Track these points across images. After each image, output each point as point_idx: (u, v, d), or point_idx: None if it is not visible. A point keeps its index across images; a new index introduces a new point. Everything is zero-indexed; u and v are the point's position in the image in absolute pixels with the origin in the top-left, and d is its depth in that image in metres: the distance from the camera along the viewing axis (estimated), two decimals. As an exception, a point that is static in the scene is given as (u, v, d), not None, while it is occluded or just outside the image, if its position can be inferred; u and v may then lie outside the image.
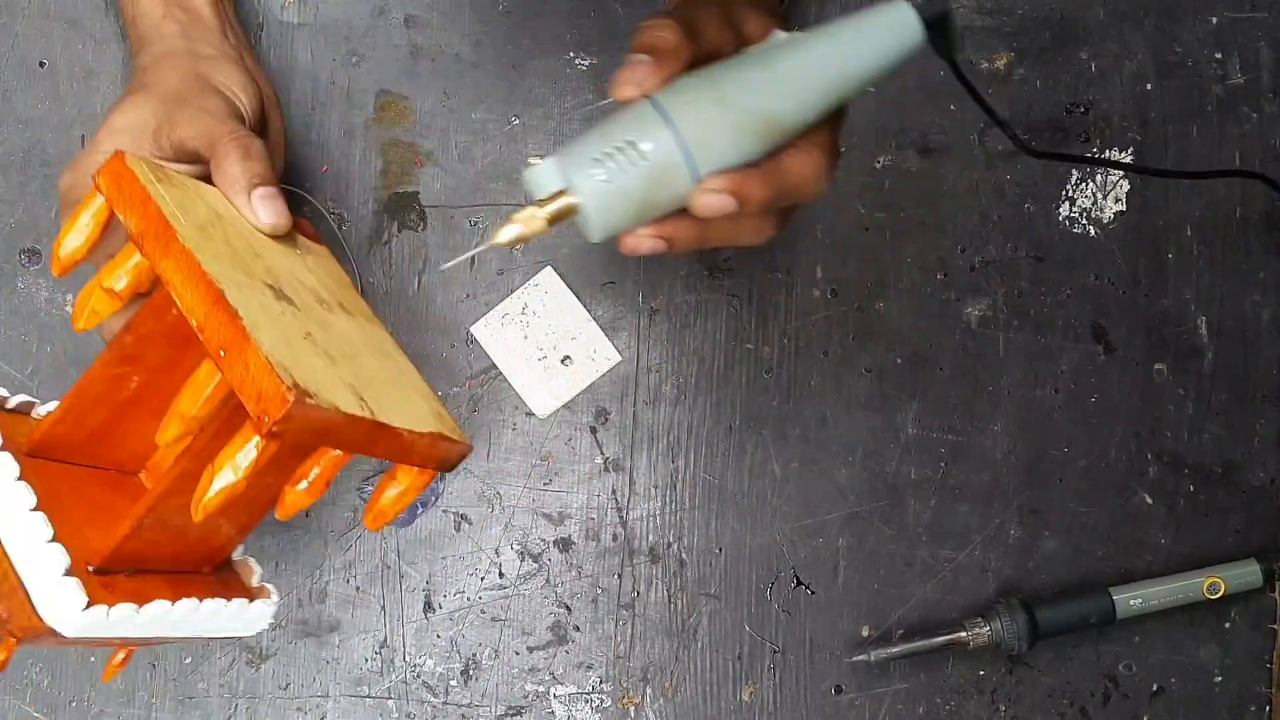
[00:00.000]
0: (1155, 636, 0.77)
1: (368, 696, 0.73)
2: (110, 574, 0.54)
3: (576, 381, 0.74)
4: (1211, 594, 0.75)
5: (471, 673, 0.74)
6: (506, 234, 0.50)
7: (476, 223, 0.74)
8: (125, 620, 0.51)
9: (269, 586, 0.60)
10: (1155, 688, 0.77)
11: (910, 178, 0.77)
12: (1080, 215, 0.77)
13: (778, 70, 0.51)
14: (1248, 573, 0.75)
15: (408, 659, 0.74)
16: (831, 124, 0.54)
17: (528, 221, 0.50)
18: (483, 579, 0.74)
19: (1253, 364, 0.78)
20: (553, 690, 0.74)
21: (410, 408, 0.56)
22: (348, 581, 0.74)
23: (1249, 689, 0.78)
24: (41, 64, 0.73)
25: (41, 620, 0.49)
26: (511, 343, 0.74)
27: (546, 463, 0.75)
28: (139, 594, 0.53)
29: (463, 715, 0.74)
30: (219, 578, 0.59)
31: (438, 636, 0.74)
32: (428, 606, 0.74)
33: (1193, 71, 0.78)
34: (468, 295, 0.74)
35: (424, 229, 0.74)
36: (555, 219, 0.50)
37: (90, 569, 0.52)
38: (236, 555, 0.61)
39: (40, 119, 0.73)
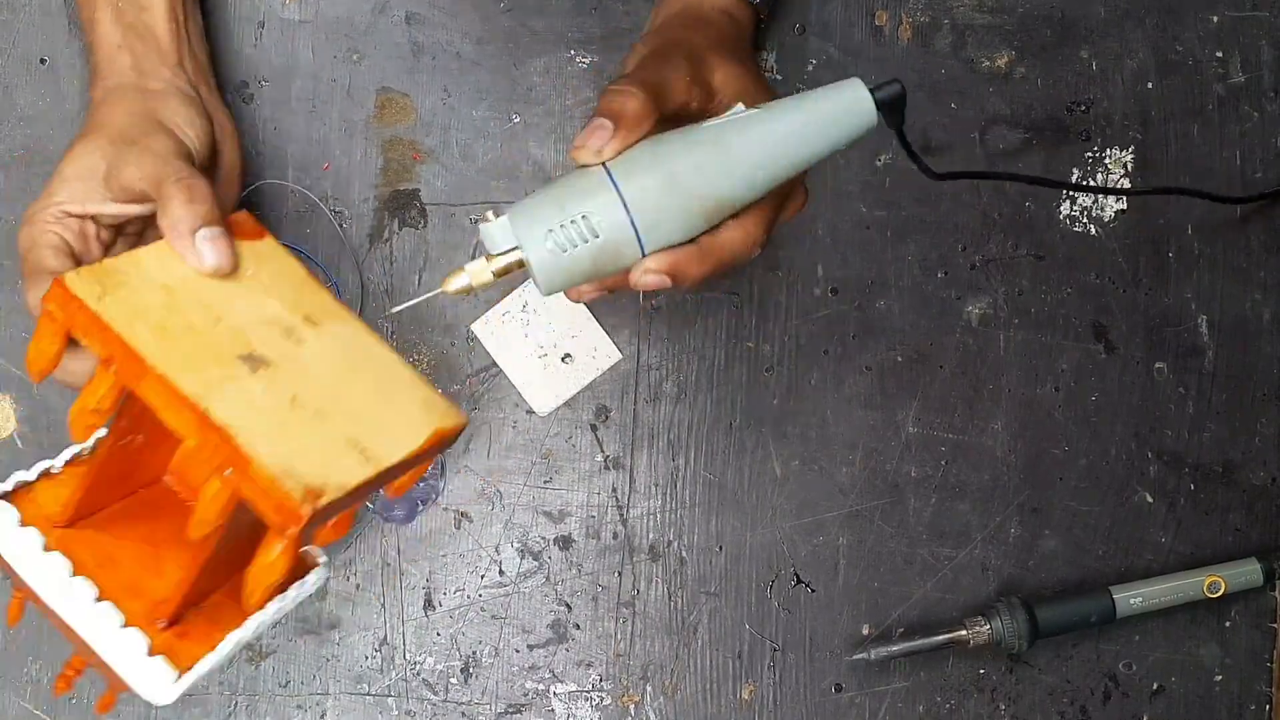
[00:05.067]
0: (1155, 635, 0.77)
1: (368, 694, 0.73)
2: (180, 620, 0.56)
3: (577, 379, 0.74)
4: (1212, 593, 0.75)
5: (471, 670, 0.74)
6: (455, 283, 0.54)
7: (477, 220, 0.74)
8: (210, 662, 0.55)
9: (313, 550, 0.61)
10: (1155, 687, 0.77)
11: (911, 176, 0.76)
12: (1081, 214, 0.77)
13: (732, 154, 0.53)
14: (1248, 572, 0.76)
15: (408, 657, 0.74)
16: (776, 193, 0.55)
17: (476, 274, 0.54)
18: (483, 577, 0.74)
19: (1253, 363, 0.78)
20: (553, 688, 0.74)
21: (404, 419, 0.57)
22: (348, 579, 0.74)
23: (1249, 688, 0.78)
24: (42, 61, 0.73)
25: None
26: (512, 340, 0.74)
27: (547, 460, 0.75)
28: (212, 629, 0.56)
29: (463, 713, 0.74)
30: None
31: (438, 634, 0.74)
32: (428, 604, 0.74)
33: (1194, 70, 0.78)
34: (478, 295, 0.74)
35: (425, 226, 0.74)
36: (503, 273, 0.54)
37: (161, 625, 0.55)
38: None
39: (41, 116, 0.73)
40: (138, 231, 0.63)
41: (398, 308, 0.58)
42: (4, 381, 0.72)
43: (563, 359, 0.74)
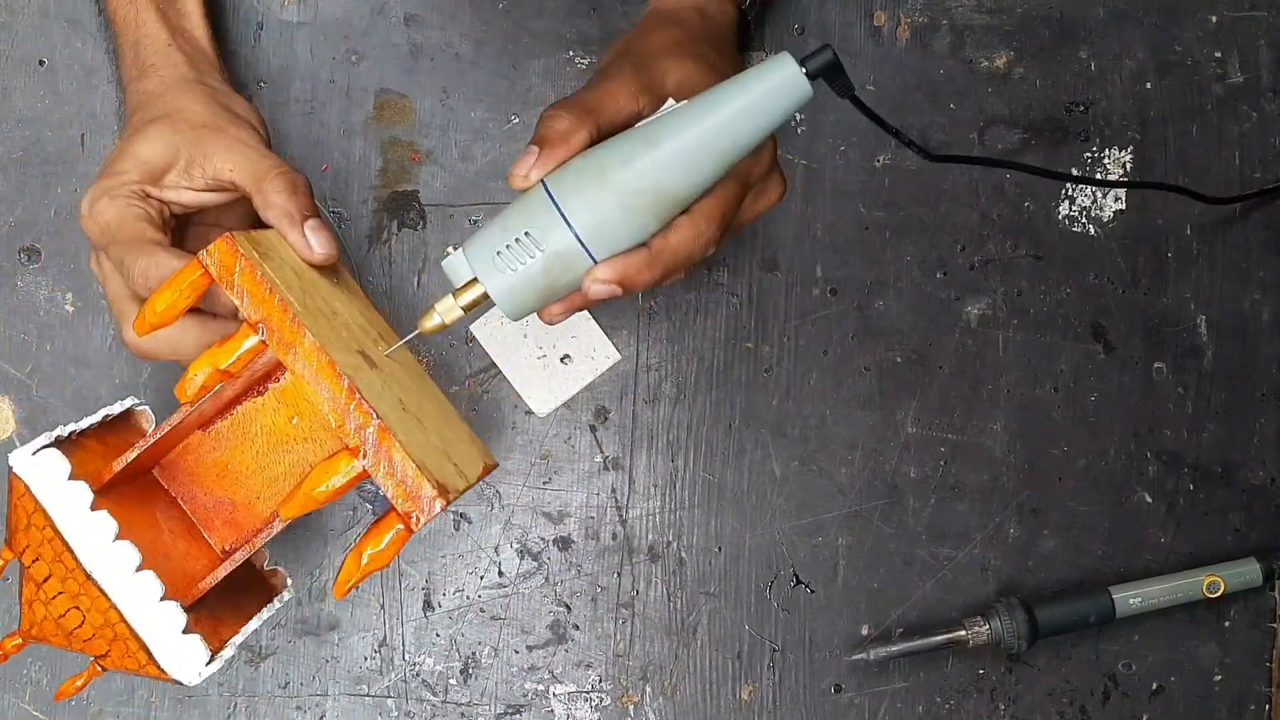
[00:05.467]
0: (1155, 635, 0.77)
1: (367, 695, 0.73)
2: (197, 608, 0.57)
3: (576, 380, 0.74)
4: (1211, 593, 0.75)
5: (471, 671, 0.74)
6: (429, 323, 0.55)
7: (476, 221, 0.74)
8: (226, 653, 0.56)
9: (279, 569, 0.64)
10: (1155, 687, 0.77)
11: (910, 177, 0.77)
12: (1080, 214, 0.77)
13: (664, 147, 0.52)
14: (1247, 571, 0.75)
15: (407, 658, 0.74)
16: (728, 184, 0.55)
17: (446, 312, 0.55)
18: (482, 578, 0.74)
19: (1252, 363, 0.78)
20: (552, 689, 0.74)
21: (467, 447, 0.59)
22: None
23: (1249, 688, 0.78)
24: (41, 62, 0.73)
25: (161, 670, 0.54)
26: (511, 341, 0.74)
27: (546, 461, 0.75)
28: (218, 627, 0.57)
29: (462, 714, 0.74)
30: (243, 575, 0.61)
31: (437, 635, 0.74)
32: (427, 605, 0.74)
33: (1192, 70, 0.78)
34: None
35: (424, 228, 0.74)
36: (471, 307, 0.55)
37: (182, 605, 0.55)
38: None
39: (40, 117, 0.73)
40: (198, 224, 0.63)
41: (388, 350, 0.59)
42: (4, 382, 0.72)
43: (562, 360, 0.74)
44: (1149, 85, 0.78)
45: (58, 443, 0.55)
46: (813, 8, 0.76)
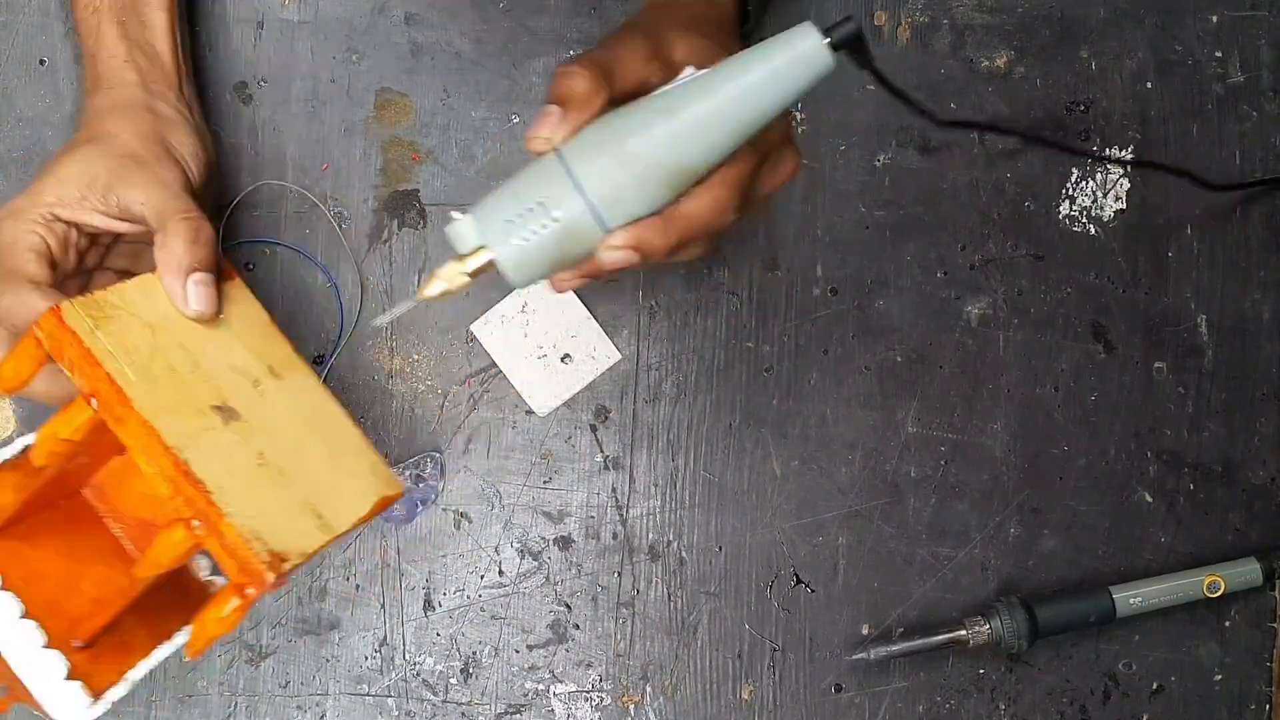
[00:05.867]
0: (1155, 635, 0.77)
1: (367, 695, 0.73)
2: (94, 643, 0.57)
3: (576, 379, 0.74)
4: (1211, 592, 0.75)
5: (471, 671, 0.74)
6: (432, 289, 0.53)
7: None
8: (119, 691, 0.56)
9: (217, 580, 0.63)
10: (1155, 686, 0.77)
11: (910, 176, 0.77)
12: (1080, 214, 0.77)
13: (683, 118, 0.51)
14: (1248, 571, 0.76)
15: (407, 657, 0.74)
16: (745, 154, 0.53)
17: (451, 278, 0.52)
18: (483, 577, 0.74)
19: (1252, 363, 0.78)
20: (552, 688, 0.74)
21: (353, 484, 0.58)
22: (347, 579, 0.74)
23: (1249, 688, 0.78)
24: (42, 61, 0.73)
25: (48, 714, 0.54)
26: (511, 341, 0.74)
27: (546, 461, 0.75)
28: (123, 655, 0.57)
29: (462, 713, 0.74)
30: (178, 590, 0.61)
31: (437, 635, 0.74)
32: (427, 605, 0.74)
33: (1193, 70, 0.78)
34: (468, 293, 0.74)
35: (424, 227, 0.74)
36: (477, 274, 0.52)
37: (75, 644, 0.55)
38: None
39: (40, 117, 0.73)
40: (107, 245, 0.62)
41: (381, 319, 0.57)
42: (3, 382, 0.72)
43: (562, 359, 0.74)
44: (1149, 85, 0.78)
45: None
46: (813, 8, 0.76)
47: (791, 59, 0.50)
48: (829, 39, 0.50)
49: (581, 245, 0.52)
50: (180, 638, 0.59)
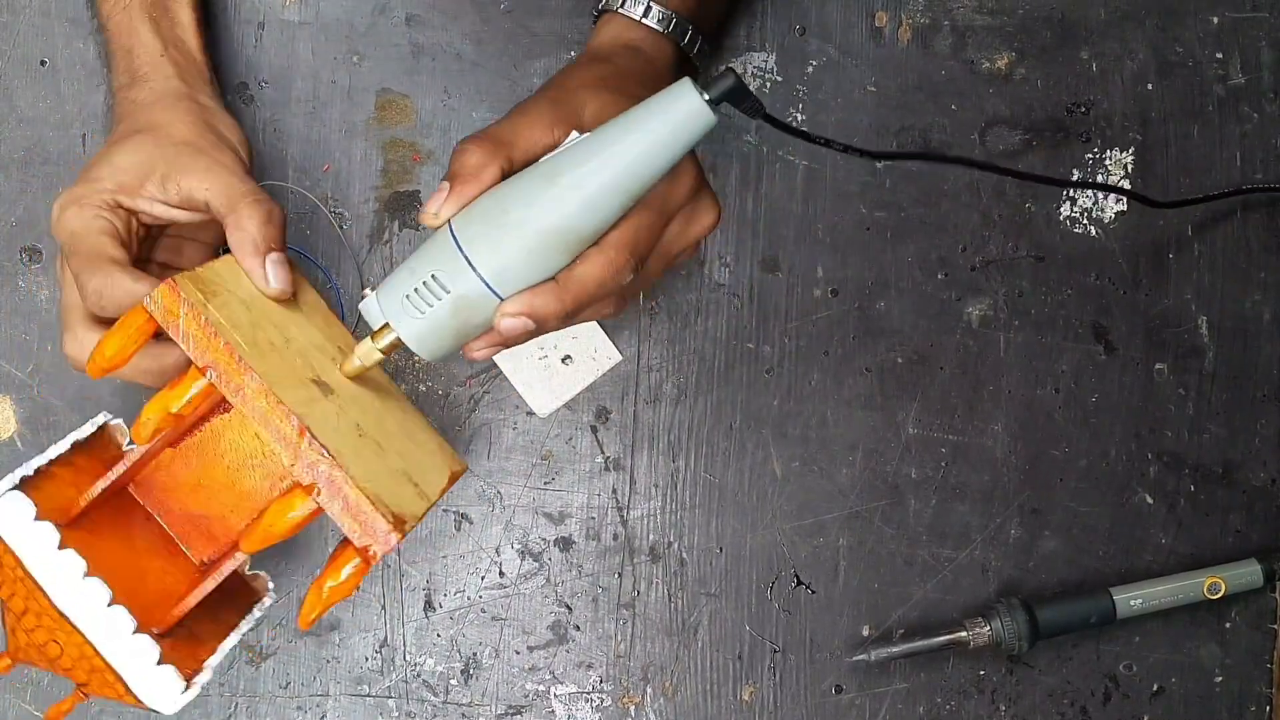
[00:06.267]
0: (1155, 636, 0.77)
1: (368, 695, 0.73)
2: (176, 630, 0.57)
3: (577, 381, 0.74)
4: (1212, 594, 0.75)
5: (472, 672, 0.74)
6: (350, 366, 0.56)
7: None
8: (204, 676, 0.56)
9: (261, 574, 0.64)
10: (1155, 688, 0.77)
11: (911, 177, 0.77)
12: (1081, 215, 0.77)
13: (562, 184, 0.51)
14: (1248, 573, 0.76)
15: (408, 658, 0.74)
16: (640, 213, 0.53)
17: (366, 355, 0.55)
18: (483, 578, 0.74)
19: (1253, 364, 0.78)
20: (553, 689, 0.74)
21: (432, 458, 0.59)
22: (348, 580, 0.74)
23: (1249, 689, 0.78)
24: (43, 62, 0.73)
25: (137, 699, 0.54)
26: (512, 342, 0.74)
27: (547, 462, 0.75)
28: (196, 645, 0.57)
29: (463, 714, 0.74)
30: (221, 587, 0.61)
31: (438, 635, 0.74)
32: (428, 605, 0.74)
33: (1194, 71, 0.78)
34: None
35: (424, 228, 0.74)
36: (389, 350, 0.54)
37: (155, 632, 0.55)
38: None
39: (41, 117, 0.73)
40: (155, 238, 0.63)
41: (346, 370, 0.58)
42: (4, 382, 0.72)
43: (563, 360, 0.74)
44: (1150, 86, 0.78)
45: (24, 482, 0.55)
46: (813, 8, 0.76)
47: (669, 118, 0.50)
48: (708, 96, 0.50)
49: (480, 315, 0.53)
50: (246, 626, 0.60)
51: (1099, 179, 0.77)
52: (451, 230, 0.52)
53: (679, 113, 0.50)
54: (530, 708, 0.74)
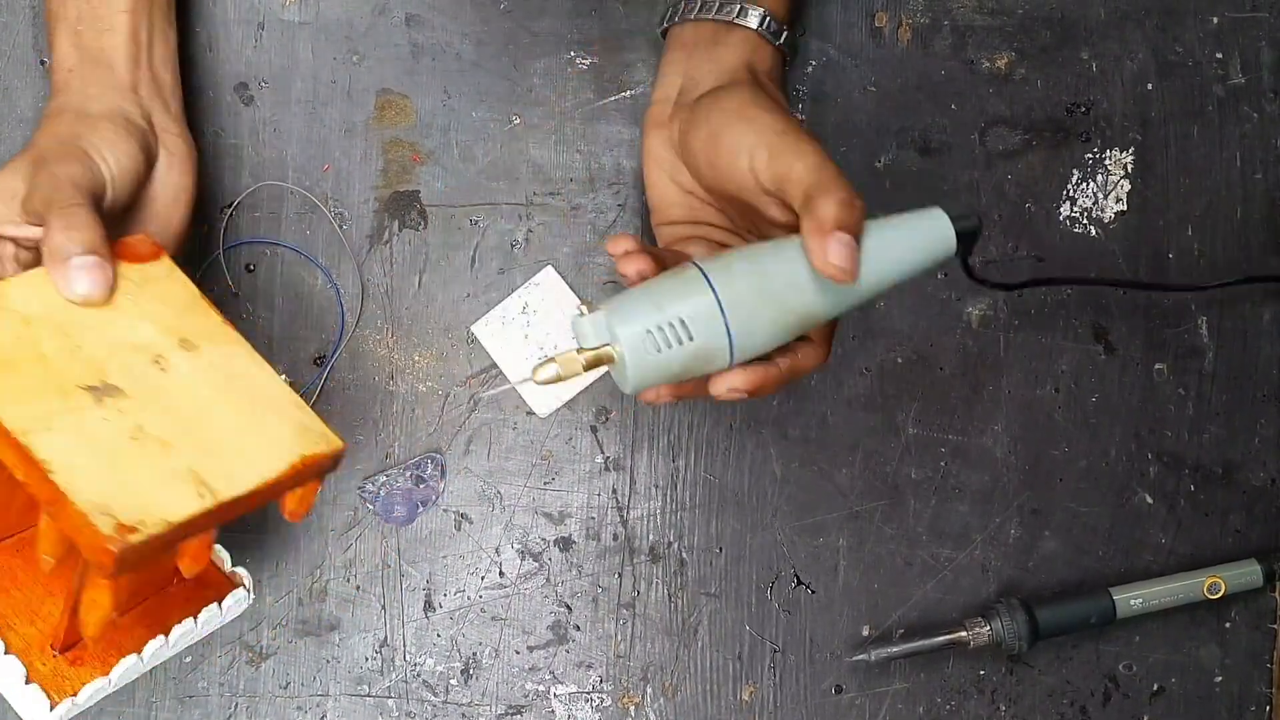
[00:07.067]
0: (1155, 636, 0.77)
1: (368, 695, 0.73)
2: (76, 645, 0.57)
3: (577, 381, 0.74)
4: (1212, 594, 0.75)
5: (472, 672, 0.74)
6: (545, 373, 0.53)
7: (477, 222, 0.74)
8: (99, 690, 0.56)
9: (240, 572, 0.63)
10: (1155, 688, 0.77)
11: (911, 177, 0.77)
12: (1081, 215, 0.77)
13: (825, 279, 0.54)
14: (1248, 573, 0.76)
15: (408, 658, 0.74)
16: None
17: (567, 365, 0.53)
18: (483, 578, 0.74)
19: (1253, 364, 0.78)
20: (553, 689, 0.74)
21: (268, 446, 0.57)
22: (348, 580, 0.74)
23: (1249, 689, 0.78)
24: (42, 62, 0.73)
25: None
26: (512, 342, 0.74)
27: (547, 462, 0.75)
28: (109, 653, 0.57)
29: (463, 714, 0.74)
30: (194, 581, 0.61)
31: (438, 635, 0.74)
32: (428, 606, 0.74)
33: (1193, 71, 0.78)
34: (468, 294, 0.74)
35: (425, 228, 0.74)
36: (591, 366, 0.53)
37: (55, 652, 0.56)
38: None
39: (40, 117, 0.72)
40: None
41: (489, 392, 0.60)
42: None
43: (563, 360, 0.74)
44: (1150, 86, 0.78)
45: None
46: (813, 8, 0.76)
47: (924, 236, 0.56)
48: (954, 225, 0.55)
49: (704, 368, 0.54)
50: (207, 621, 0.60)
51: (1098, 178, 0.77)
52: (710, 282, 0.53)
53: (933, 238, 0.56)
54: (530, 708, 0.74)
